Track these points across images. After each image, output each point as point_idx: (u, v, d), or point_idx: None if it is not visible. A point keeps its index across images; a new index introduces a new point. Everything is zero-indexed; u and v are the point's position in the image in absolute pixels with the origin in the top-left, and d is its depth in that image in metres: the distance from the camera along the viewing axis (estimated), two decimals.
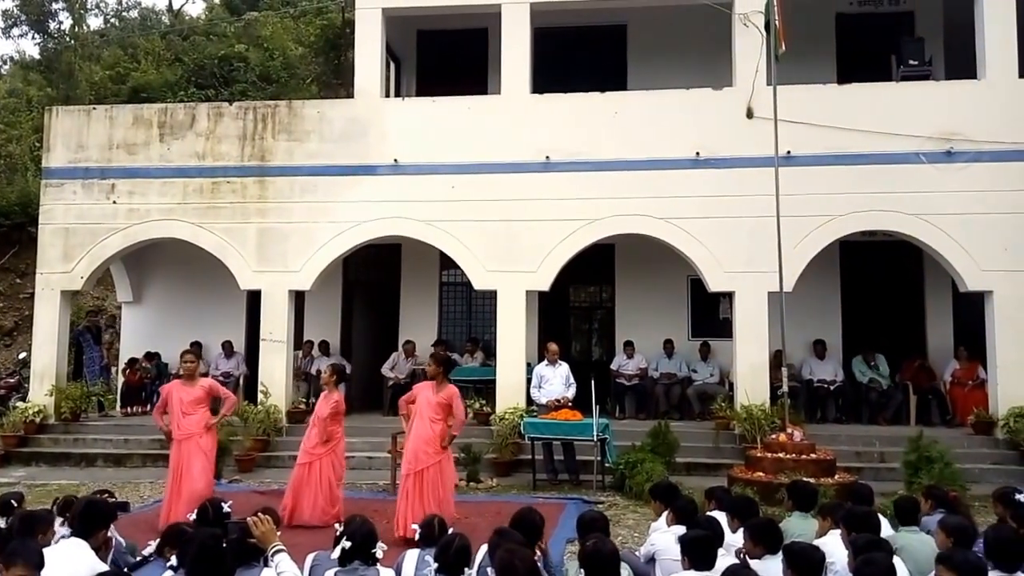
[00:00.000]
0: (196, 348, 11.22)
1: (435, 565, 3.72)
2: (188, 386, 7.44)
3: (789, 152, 10.22)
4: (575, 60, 12.94)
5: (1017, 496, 4.85)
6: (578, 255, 11.29)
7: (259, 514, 3.80)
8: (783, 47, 9.24)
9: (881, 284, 12.44)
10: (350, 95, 12.07)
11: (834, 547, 4.31)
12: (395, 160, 11.30)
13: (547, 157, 11.06)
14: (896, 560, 3.94)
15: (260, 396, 11.06)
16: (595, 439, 8.82)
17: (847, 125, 10.51)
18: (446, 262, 12.34)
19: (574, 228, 10.99)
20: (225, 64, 13.68)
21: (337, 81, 14.50)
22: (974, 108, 10.51)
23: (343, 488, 7.71)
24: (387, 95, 12.62)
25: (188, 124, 11.85)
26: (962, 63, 11.24)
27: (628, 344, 12.36)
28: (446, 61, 13.43)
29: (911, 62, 11.04)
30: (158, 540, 4.60)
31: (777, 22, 9.25)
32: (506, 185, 11.14)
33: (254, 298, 12.05)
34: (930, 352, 11.98)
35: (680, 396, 11.99)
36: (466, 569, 3.69)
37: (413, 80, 14.01)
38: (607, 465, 9.12)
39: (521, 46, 11.35)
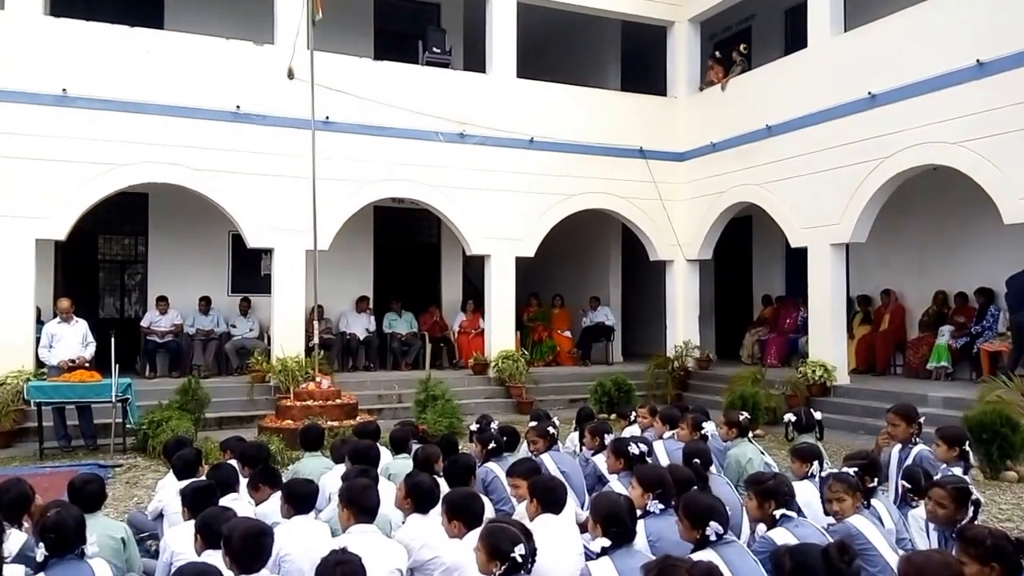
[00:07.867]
0: None
1: None
2: None
3: (328, 117, 10.78)
4: None
5: (485, 421, 6.04)
6: (109, 203, 10.35)
7: None
8: (320, 14, 9.60)
9: (407, 246, 13.99)
10: None
11: (333, 480, 4.92)
12: None
13: (64, 90, 9.81)
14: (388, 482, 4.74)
15: None
16: (114, 400, 8.30)
17: (381, 100, 11.42)
18: None
19: (97, 172, 9.99)
20: None
21: None
22: (483, 98, 12.28)
23: None
24: None
25: None
26: (477, 58, 13.05)
27: (161, 299, 11.77)
28: None
29: (435, 50, 12.43)
30: None
31: None
32: (10, 116, 9.59)
33: None
34: (444, 306, 13.91)
35: (217, 352, 11.89)
36: None
37: None
38: (129, 426, 8.69)
39: None
